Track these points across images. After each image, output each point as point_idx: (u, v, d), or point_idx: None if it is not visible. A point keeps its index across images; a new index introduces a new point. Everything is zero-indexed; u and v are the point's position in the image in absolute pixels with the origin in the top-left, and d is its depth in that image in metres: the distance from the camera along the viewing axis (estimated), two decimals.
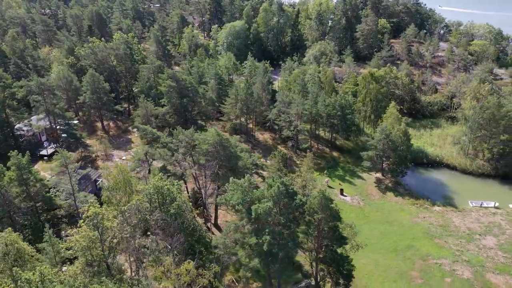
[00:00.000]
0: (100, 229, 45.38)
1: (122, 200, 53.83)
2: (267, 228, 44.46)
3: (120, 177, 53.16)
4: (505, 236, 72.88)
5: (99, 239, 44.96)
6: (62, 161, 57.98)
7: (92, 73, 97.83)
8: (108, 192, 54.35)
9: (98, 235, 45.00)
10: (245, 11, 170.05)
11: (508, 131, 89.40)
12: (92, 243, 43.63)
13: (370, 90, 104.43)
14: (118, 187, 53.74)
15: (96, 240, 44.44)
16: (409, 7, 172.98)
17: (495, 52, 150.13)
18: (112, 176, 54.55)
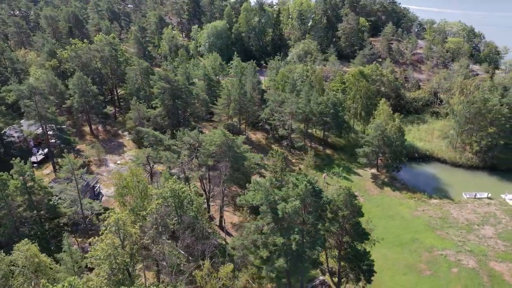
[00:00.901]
0: (122, 235, 44.02)
1: (135, 205, 52.19)
2: (296, 227, 44.32)
3: (134, 182, 51.54)
4: (502, 225, 75.68)
5: (121, 246, 43.54)
6: (69, 167, 55.71)
7: (79, 76, 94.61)
8: (122, 197, 52.62)
9: (120, 242, 43.59)
10: (225, 11, 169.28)
11: (495, 124, 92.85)
12: (116, 250, 42.14)
13: (360, 88, 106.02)
14: (132, 192, 52.08)
15: (119, 247, 42.98)
16: (386, 6, 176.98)
17: (469, 49, 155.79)
18: (126, 181, 52.81)
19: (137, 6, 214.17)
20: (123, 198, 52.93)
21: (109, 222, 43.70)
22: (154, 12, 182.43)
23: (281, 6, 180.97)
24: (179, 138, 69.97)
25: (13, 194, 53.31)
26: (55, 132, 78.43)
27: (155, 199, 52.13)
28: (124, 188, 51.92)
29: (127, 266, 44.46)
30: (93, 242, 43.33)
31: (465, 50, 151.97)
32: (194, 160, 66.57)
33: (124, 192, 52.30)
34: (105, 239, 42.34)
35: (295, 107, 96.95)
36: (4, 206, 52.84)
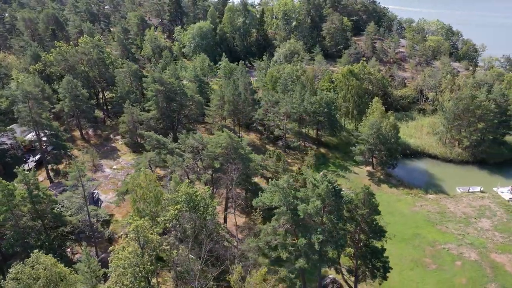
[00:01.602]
0: (142, 242, 43.11)
1: (149, 210, 51.23)
2: (318, 227, 44.45)
3: (150, 187, 50.48)
4: (497, 218, 78.14)
5: (141, 254, 42.64)
6: (76, 174, 54.12)
7: (69, 80, 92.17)
8: (136, 203, 51.47)
9: (141, 250, 42.68)
10: (209, 12, 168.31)
11: (484, 120, 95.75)
12: (140, 258, 41.23)
13: (351, 87, 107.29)
14: (146, 197, 51.00)
15: (140, 255, 42.09)
16: (367, 5, 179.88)
17: (449, 47, 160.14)
18: (140, 186, 51.62)
19: (115, 7, 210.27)
20: (137, 204, 51.72)
21: (129, 230, 42.73)
22: (135, 13, 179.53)
23: (264, 6, 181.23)
24: (182, 141, 69.06)
25: (19, 204, 51.35)
26: (50, 138, 75.98)
27: (169, 204, 51.36)
28: (139, 193, 50.73)
29: (147, 274, 43.65)
30: (115, 250, 42.24)
31: (445, 48, 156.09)
32: (199, 163, 65.81)
33: (138, 198, 51.13)
34: (128, 247, 41.36)
35: (289, 107, 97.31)
36: (10, 217, 50.85)
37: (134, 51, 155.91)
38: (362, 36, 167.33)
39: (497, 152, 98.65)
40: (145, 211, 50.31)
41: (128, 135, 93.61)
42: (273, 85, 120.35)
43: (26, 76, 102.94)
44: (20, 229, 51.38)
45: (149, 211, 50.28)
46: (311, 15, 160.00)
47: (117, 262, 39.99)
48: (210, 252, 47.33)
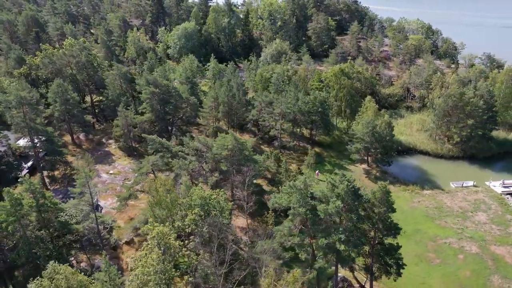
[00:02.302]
0: (163, 248, 42.42)
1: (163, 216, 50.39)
2: (340, 227, 44.75)
3: (166, 192, 49.62)
4: (493, 211, 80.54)
5: (163, 260, 41.93)
6: (84, 180, 52.74)
7: (59, 83, 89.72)
8: (152, 209, 50.51)
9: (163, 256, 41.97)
10: (193, 13, 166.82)
11: (473, 116, 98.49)
12: (164, 265, 40.53)
13: (342, 86, 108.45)
14: (161, 203, 50.11)
15: (163, 261, 41.37)
16: (349, 5, 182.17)
17: (430, 46, 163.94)
18: (156, 191, 50.65)
19: (94, 8, 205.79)
20: (152, 209, 50.75)
21: (151, 236, 41.96)
22: (117, 14, 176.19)
23: (248, 6, 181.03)
24: (186, 144, 68.27)
25: (27, 213, 49.63)
26: (45, 143, 73.71)
27: (184, 208, 50.72)
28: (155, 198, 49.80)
29: (169, 281, 42.96)
30: (136, 257, 41.36)
31: (426, 46, 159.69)
32: (205, 166, 65.23)
33: (154, 202, 50.21)
34: (151, 253, 40.58)
35: (284, 107, 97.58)
36: (19, 228, 49.09)
37: (118, 53, 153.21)
38: (346, 35, 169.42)
39: (485, 147, 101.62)
40: (161, 216, 49.41)
41: (122, 139, 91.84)
42: (264, 86, 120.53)
43: (11, 81, 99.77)
44: (28, 239, 49.62)
45: (164, 216, 49.41)
46: (296, 15, 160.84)
47: (143, 270, 39.10)
48: (233, 255, 46.96)
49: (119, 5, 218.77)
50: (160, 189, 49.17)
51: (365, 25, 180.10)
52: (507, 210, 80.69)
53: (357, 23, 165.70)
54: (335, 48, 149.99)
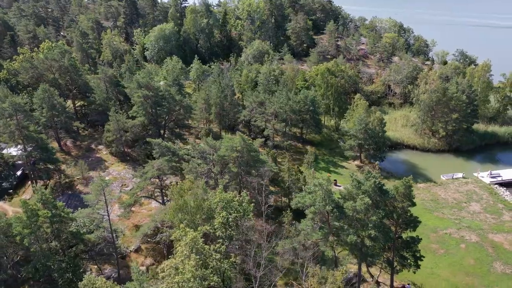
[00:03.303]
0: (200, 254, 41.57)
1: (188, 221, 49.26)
2: (368, 223, 45.34)
3: (194, 196, 48.45)
4: (485, 201, 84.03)
5: (204, 266, 41.10)
6: (100, 188, 50.83)
7: (45, 88, 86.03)
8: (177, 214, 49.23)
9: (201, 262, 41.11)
10: (170, 14, 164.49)
11: (457, 110, 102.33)
12: (203, 271, 39.72)
13: (330, 84, 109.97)
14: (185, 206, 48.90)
15: (203, 267, 40.55)
16: (324, 4, 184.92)
17: (403, 43, 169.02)
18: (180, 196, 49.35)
19: (62, 10, 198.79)
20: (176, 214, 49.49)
21: (185, 242, 41.01)
22: (89, 15, 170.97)
23: (224, 6, 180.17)
24: (193, 147, 67.17)
25: (42, 225, 47.29)
26: (40, 152, 70.44)
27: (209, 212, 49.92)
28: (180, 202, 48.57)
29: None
30: (169, 266, 40.28)
31: (400, 44, 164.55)
32: (215, 168, 64.42)
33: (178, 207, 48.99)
34: (189, 260, 39.64)
35: (277, 106, 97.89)
36: (35, 240, 46.72)
37: (94, 55, 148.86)
38: (322, 34, 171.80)
39: (469, 140, 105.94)
40: (185, 220, 48.32)
41: (114, 144, 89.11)
42: (250, 86, 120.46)
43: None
44: (44, 252, 47.31)
45: (187, 221, 48.36)
46: (274, 15, 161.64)
47: (183, 277, 38.06)
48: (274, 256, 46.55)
49: (87, 7, 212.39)
50: (188, 192, 47.83)
51: (339, 24, 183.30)
52: (498, 199, 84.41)
53: (333, 22, 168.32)
54: (315, 47, 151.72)
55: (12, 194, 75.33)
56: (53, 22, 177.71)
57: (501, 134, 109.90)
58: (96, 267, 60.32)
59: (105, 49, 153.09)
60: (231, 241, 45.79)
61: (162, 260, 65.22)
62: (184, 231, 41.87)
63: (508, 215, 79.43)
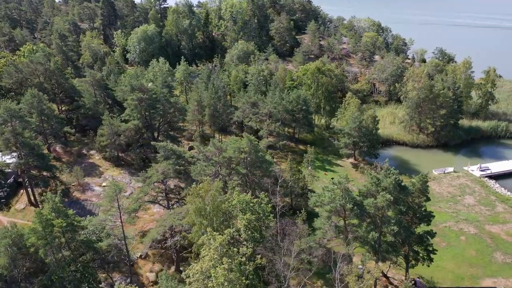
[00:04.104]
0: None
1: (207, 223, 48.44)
2: (390, 219, 45.91)
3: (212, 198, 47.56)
4: (477, 193, 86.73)
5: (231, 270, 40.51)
6: (113, 194, 49.32)
7: (33, 93, 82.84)
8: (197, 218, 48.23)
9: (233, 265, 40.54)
10: (151, 15, 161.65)
11: (445, 106, 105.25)
12: (236, 274, 39.19)
13: (321, 83, 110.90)
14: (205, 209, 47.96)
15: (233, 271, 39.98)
16: (305, 5, 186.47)
17: (383, 42, 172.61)
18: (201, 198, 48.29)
19: (35, 12, 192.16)
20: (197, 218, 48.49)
21: (214, 246, 40.35)
22: (66, 17, 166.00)
23: (205, 7, 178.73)
24: (198, 149, 66.21)
25: (57, 235, 45.47)
26: (36, 159, 67.67)
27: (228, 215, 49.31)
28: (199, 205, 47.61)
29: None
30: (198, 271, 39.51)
31: (380, 43, 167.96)
32: (222, 170, 63.73)
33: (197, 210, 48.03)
34: (222, 264, 39.02)
35: (271, 106, 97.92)
36: (49, 251, 44.86)
37: (74, 58, 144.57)
38: (303, 34, 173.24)
39: (456, 135, 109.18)
40: (203, 223, 47.52)
41: (108, 148, 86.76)
42: (239, 87, 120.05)
43: None
44: (60, 263, 45.52)
45: (207, 224, 47.55)
46: (257, 15, 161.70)
47: (217, 281, 37.41)
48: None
49: (59, 8, 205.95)
50: (212, 194, 46.88)
51: (319, 24, 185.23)
52: (490, 191, 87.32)
53: (314, 22, 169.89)
54: (299, 47, 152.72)
55: (9, 204, 72.19)
56: (26, 24, 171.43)
57: (485, 129, 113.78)
58: (104, 276, 58.65)
59: (84, 52, 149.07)
60: (256, 243, 45.34)
61: (171, 265, 64.44)
62: (212, 235, 41.14)
63: (501, 206, 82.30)
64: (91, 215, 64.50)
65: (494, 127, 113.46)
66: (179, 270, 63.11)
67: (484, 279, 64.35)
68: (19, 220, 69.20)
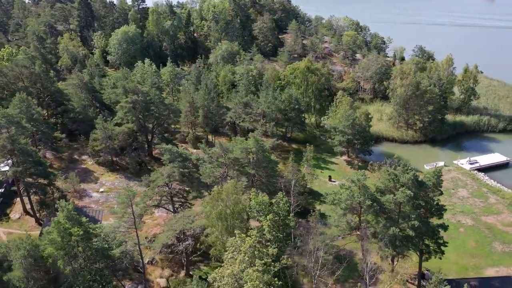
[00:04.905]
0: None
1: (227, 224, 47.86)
2: (410, 214, 46.64)
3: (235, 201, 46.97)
4: (469, 186, 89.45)
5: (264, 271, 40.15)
6: (127, 200, 47.96)
7: (22, 98, 79.74)
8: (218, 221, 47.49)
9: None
10: (131, 16, 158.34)
11: (432, 102, 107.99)
12: (268, 275, 38.84)
13: (311, 82, 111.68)
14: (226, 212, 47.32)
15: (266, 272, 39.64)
16: (285, 4, 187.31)
17: (363, 41, 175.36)
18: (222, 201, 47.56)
19: (6, 14, 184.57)
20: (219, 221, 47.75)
21: (245, 247, 39.88)
22: (42, 19, 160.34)
23: (185, 7, 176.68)
24: (206, 151, 65.35)
25: (75, 245, 43.81)
26: (34, 166, 65.00)
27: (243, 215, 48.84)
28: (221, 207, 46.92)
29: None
30: (236, 271, 38.98)
31: (360, 41, 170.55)
32: (231, 172, 63.13)
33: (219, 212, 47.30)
34: (256, 266, 38.62)
35: (265, 106, 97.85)
36: (68, 261, 43.19)
37: (54, 61, 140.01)
38: (285, 34, 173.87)
39: (442, 130, 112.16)
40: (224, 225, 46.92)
41: (102, 153, 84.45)
42: (229, 87, 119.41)
43: None
44: (78, 272, 43.90)
45: (227, 226, 47.00)
46: (239, 15, 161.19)
47: (253, 283, 36.94)
48: None
49: (29, 10, 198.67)
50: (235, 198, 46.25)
51: (300, 23, 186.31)
52: (481, 184, 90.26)
53: (295, 22, 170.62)
54: (283, 47, 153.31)
55: (7, 214, 69.18)
56: None
57: (469, 123, 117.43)
58: (115, 283, 56.99)
59: (63, 54, 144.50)
60: (279, 243, 45.10)
61: (180, 270, 63.33)
62: (241, 238, 40.64)
63: (493, 198, 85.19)
64: (95, 222, 62.52)
65: (477, 121, 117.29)
66: (189, 274, 62.23)
67: (487, 268, 66.47)
68: (16, 231, 66.65)
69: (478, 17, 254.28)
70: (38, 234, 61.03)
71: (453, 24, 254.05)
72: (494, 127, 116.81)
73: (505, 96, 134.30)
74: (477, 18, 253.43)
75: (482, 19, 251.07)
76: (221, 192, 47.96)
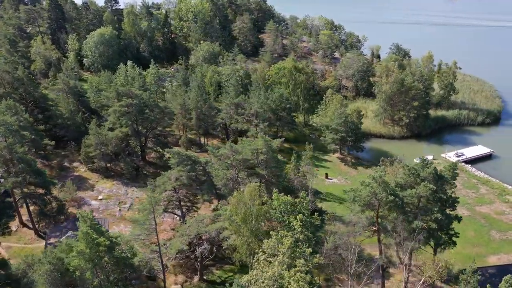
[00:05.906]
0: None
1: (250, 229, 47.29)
2: (433, 207, 47.71)
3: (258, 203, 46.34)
4: (460, 177, 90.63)
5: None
6: (150, 208, 46.50)
7: (8, 105, 75.91)
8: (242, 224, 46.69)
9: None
10: (106, 17, 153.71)
11: (417, 98, 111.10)
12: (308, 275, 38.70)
13: (299, 82, 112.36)
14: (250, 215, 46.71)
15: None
16: (261, 4, 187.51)
17: (338, 39, 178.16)
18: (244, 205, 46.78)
19: None
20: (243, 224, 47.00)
21: (284, 249, 39.54)
22: (10, 21, 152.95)
23: (162, 7, 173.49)
24: (214, 153, 64.32)
25: (103, 256, 42.04)
26: (33, 176, 61.92)
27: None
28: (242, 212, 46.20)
29: None
30: (277, 273, 38.59)
31: (336, 40, 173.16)
32: (242, 173, 62.51)
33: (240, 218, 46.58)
34: (294, 269, 38.37)
35: (257, 106, 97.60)
36: (95, 273, 41.39)
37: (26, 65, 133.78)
38: (263, 34, 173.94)
39: (426, 125, 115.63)
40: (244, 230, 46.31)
41: (96, 159, 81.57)
42: (215, 88, 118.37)
43: None
44: (106, 284, 42.17)
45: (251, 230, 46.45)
46: (218, 16, 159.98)
47: (299, 284, 36.68)
48: None
49: None
50: (256, 200, 45.70)
51: (276, 23, 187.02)
52: (470, 175, 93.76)
53: (272, 22, 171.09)
54: (263, 47, 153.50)
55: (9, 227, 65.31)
56: None
57: (450, 117, 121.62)
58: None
59: (35, 58, 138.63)
60: (310, 242, 44.98)
61: (193, 275, 62.05)
62: (278, 239, 40.28)
63: (483, 188, 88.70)
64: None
65: (457, 115, 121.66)
66: (203, 279, 61.24)
67: (489, 256, 69.05)
68: (15, 244, 63.45)
69: (444, 15, 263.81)
70: (43, 246, 58.28)
71: (418, 23, 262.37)
72: (473, 120, 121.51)
73: (480, 90, 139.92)
74: (443, 16, 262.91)
75: (446, 17, 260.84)
76: (243, 196, 47.29)
